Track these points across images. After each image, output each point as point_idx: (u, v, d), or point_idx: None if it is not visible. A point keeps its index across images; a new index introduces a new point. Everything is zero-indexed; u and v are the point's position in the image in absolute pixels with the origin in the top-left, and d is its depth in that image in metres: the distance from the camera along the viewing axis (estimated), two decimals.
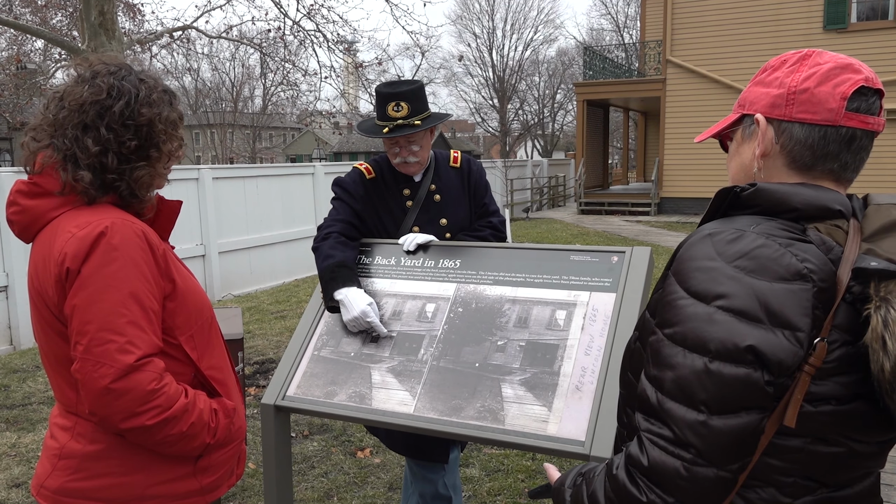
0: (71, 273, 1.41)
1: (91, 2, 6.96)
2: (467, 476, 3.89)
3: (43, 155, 1.48)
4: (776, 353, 0.98)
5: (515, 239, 13.64)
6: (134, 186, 1.52)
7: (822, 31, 17.06)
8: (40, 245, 1.48)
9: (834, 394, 1.02)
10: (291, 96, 18.45)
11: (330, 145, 48.71)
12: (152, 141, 1.52)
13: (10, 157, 26.80)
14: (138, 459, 1.51)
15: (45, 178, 1.48)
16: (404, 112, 2.51)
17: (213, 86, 40.85)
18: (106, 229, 1.42)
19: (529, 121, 48.07)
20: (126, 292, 1.42)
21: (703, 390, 1.01)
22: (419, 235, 2.49)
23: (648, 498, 1.04)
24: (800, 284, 1.00)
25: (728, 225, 1.08)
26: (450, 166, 2.75)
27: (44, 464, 1.55)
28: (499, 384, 2.03)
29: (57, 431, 1.56)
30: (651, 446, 1.05)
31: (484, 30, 44.57)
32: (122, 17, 17.61)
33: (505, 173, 19.30)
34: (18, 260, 6.73)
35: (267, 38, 12.17)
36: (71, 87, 1.51)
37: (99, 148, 1.46)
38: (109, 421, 1.41)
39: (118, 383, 1.37)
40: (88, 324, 1.39)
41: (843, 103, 1.08)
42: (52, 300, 1.45)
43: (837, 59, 1.11)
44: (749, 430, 1.00)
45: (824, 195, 1.09)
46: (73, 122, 1.47)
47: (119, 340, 1.39)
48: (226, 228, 9.25)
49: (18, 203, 1.51)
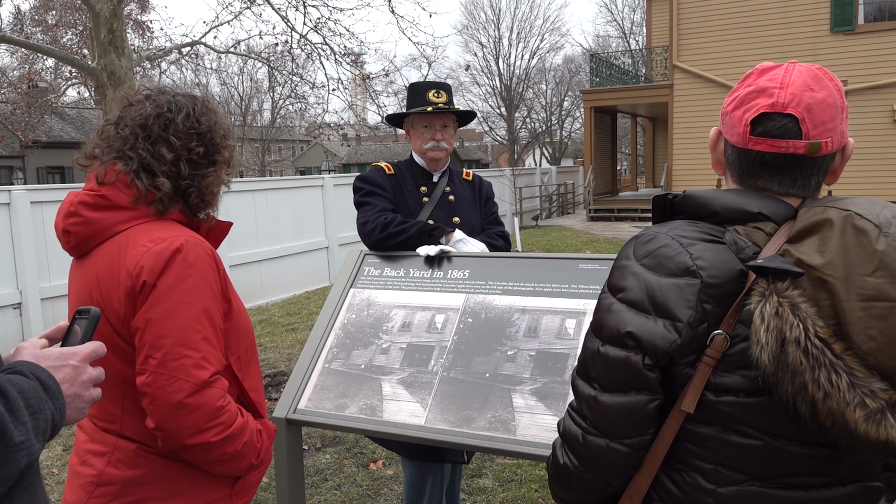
0: (146, 286, 1.41)
1: (101, 20, 7.04)
2: (480, 486, 3.88)
3: (113, 169, 1.51)
4: (651, 339, 1.09)
5: (525, 247, 13.62)
6: (204, 192, 1.58)
7: (829, 34, 17.00)
8: (102, 258, 1.48)
9: (738, 386, 1.07)
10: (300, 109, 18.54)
11: (339, 157, 48.89)
12: (215, 146, 1.60)
13: (23, 175, 27.05)
14: (180, 483, 1.50)
15: (113, 192, 1.50)
16: (444, 99, 2.76)
17: (222, 100, 41.10)
18: (182, 246, 1.45)
19: (537, 129, 48.08)
20: (200, 309, 1.44)
21: (595, 369, 1.17)
22: (434, 247, 2.51)
23: (563, 461, 1.22)
24: (687, 280, 1.09)
25: (654, 228, 1.20)
26: (463, 179, 2.96)
27: (77, 492, 1.51)
28: (509, 394, 2.03)
29: (90, 458, 1.51)
30: (566, 415, 1.23)
31: (490, 39, 44.66)
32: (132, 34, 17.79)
33: (514, 181, 19.29)
34: (31, 277, 6.78)
35: (274, 52, 12.25)
36: (126, 109, 1.57)
37: (173, 155, 1.52)
38: (177, 436, 1.41)
39: (192, 398, 1.39)
40: (164, 338, 1.40)
41: (747, 129, 1.14)
42: (116, 312, 1.45)
43: (763, 82, 1.14)
44: (634, 408, 1.12)
45: (745, 200, 1.15)
46: (140, 136, 1.52)
47: (194, 356, 1.41)
48: (236, 241, 9.29)
49: (81, 214, 1.50)
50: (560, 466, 1.23)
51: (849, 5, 16.71)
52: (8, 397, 0.88)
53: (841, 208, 1.04)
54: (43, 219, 7.01)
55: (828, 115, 1.12)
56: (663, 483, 1.17)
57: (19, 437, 0.87)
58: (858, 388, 0.97)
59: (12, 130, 23.64)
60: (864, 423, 0.97)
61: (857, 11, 16.80)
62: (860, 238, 1.00)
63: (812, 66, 1.15)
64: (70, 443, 4.72)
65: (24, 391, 0.91)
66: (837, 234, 1.01)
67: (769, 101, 1.12)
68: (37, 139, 23.47)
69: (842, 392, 0.97)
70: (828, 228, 1.03)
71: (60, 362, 1.01)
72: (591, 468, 1.18)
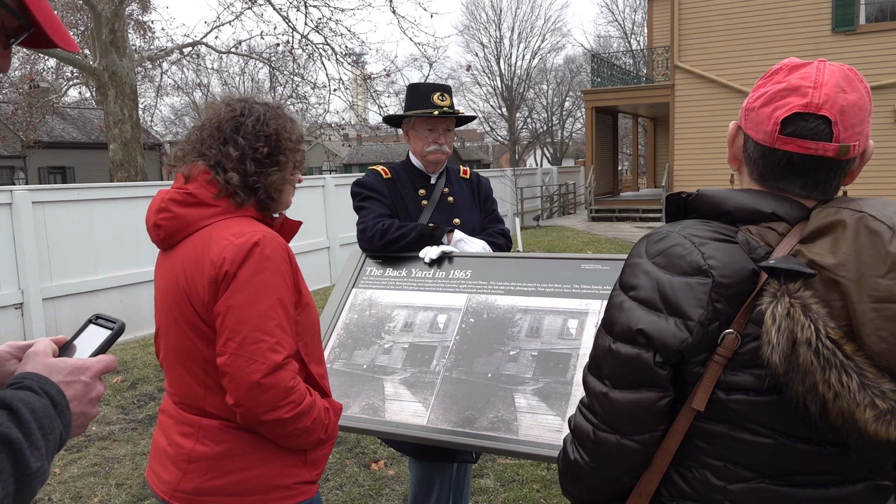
0: (228, 275, 1.57)
1: (102, 20, 7.05)
2: (482, 487, 3.88)
3: (196, 167, 1.69)
4: (662, 337, 1.09)
5: (527, 247, 13.62)
6: (270, 190, 1.71)
7: (830, 34, 16.99)
8: (189, 250, 1.65)
9: (749, 385, 1.08)
10: (301, 109, 18.55)
11: (340, 157, 48.89)
12: (280, 148, 1.73)
13: (25, 175, 27.08)
14: (262, 454, 1.65)
15: (198, 189, 1.67)
16: (448, 102, 2.73)
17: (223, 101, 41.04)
18: (260, 240, 1.60)
19: (538, 129, 48.09)
20: (275, 298, 1.59)
21: (606, 366, 1.17)
22: (436, 248, 2.51)
23: (574, 457, 1.23)
24: (699, 279, 1.09)
25: (666, 227, 1.20)
26: (460, 177, 2.93)
27: (171, 470, 1.68)
28: (512, 394, 2.03)
29: (177, 438, 1.69)
30: (577, 412, 1.24)
31: (491, 39, 44.67)
32: (133, 34, 17.81)
33: (515, 182, 19.29)
34: (33, 277, 6.78)
35: (276, 52, 12.27)
36: (207, 114, 1.76)
37: (238, 153, 1.67)
38: (253, 412, 1.56)
39: (267, 379, 1.54)
40: (243, 324, 1.55)
41: (776, 128, 1.12)
42: (201, 299, 1.60)
43: (795, 80, 1.12)
44: (645, 405, 1.12)
45: (758, 200, 1.15)
46: (214, 137, 1.69)
47: (270, 341, 1.56)
48: None
49: (171, 210, 1.67)
50: (571, 462, 1.24)
51: (850, 5, 16.70)
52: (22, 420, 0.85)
53: (854, 209, 1.04)
54: (44, 219, 7.01)
55: (858, 118, 1.11)
56: (673, 479, 1.17)
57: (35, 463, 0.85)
58: (869, 389, 0.97)
59: (14, 130, 23.65)
60: (873, 424, 0.97)
61: (859, 12, 16.79)
62: (873, 240, 0.99)
63: (843, 66, 1.14)
64: (71, 443, 4.72)
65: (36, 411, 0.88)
66: (850, 235, 1.01)
67: (803, 101, 1.10)
68: (38, 139, 23.49)
69: (852, 393, 0.97)
70: (841, 229, 1.03)
71: (72, 378, 0.98)
72: (601, 464, 1.19)
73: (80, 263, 7.32)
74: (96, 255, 7.49)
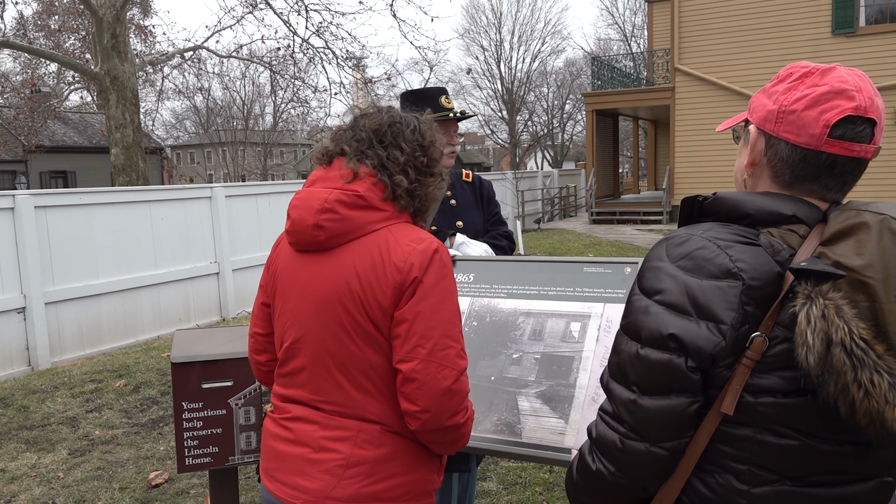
0: (416, 281, 1.56)
1: (103, 25, 7.07)
2: (485, 490, 3.88)
3: (362, 167, 1.65)
4: (695, 341, 1.08)
5: (528, 250, 13.63)
6: (424, 199, 1.71)
7: (830, 36, 17.01)
8: (361, 254, 1.60)
9: (777, 387, 1.08)
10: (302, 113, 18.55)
11: None
12: (433, 160, 1.73)
13: (27, 180, 27.13)
14: (416, 457, 1.65)
15: (367, 192, 1.63)
16: (453, 104, 2.72)
17: (224, 104, 41.22)
18: (438, 247, 1.61)
19: (539, 132, 48.13)
20: (455, 304, 1.62)
21: (634, 372, 1.14)
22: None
23: (597, 466, 1.20)
24: (729, 282, 1.09)
25: (685, 230, 1.19)
26: (463, 181, 2.94)
27: (321, 478, 1.60)
28: (515, 397, 2.03)
29: (329, 444, 1.62)
30: (599, 420, 1.20)
31: (491, 42, 44.77)
32: (134, 39, 17.84)
33: (516, 185, 19.32)
34: (35, 281, 6.80)
35: (277, 56, 12.28)
36: (361, 118, 1.74)
37: (404, 158, 1.67)
38: (438, 418, 1.55)
39: (456, 384, 1.55)
40: (433, 329, 1.54)
41: (825, 130, 1.13)
42: (380, 304, 1.57)
43: (836, 83, 1.14)
44: (676, 411, 1.11)
45: (778, 202, 1.15)
46: (374, 140, 1.67)
47: (457, 346, 1.58)
48: (239, 246, 9.31)
49: (337, 212, 1.61)
50: (592, 473, 1.21)
51: (850, 7, 16.73)
52: None
53: (875, 212, 1.06)
54: (47, 223, 7.02)
55: (884, 121, 1.16)
56: (694, 486, 1.16)
57: None
58: None
59: (15, 135, 23.69)
60: None
61: (859, 14, 16.82)
62: None
63: (858, 71, 1.17)
64: (75, 446, 4.73)
65: None
66: (875, 236, 1.03)
67: (852, 105, 1.12)
68: (40, 144, 23.53)
69: (882, 392, 0.99)
70: (864, 231, 1.04)
71: None
72: (629, 473, 1.17)
73: (82, 268, 7.34)
74: (98, 260, 7.50)
